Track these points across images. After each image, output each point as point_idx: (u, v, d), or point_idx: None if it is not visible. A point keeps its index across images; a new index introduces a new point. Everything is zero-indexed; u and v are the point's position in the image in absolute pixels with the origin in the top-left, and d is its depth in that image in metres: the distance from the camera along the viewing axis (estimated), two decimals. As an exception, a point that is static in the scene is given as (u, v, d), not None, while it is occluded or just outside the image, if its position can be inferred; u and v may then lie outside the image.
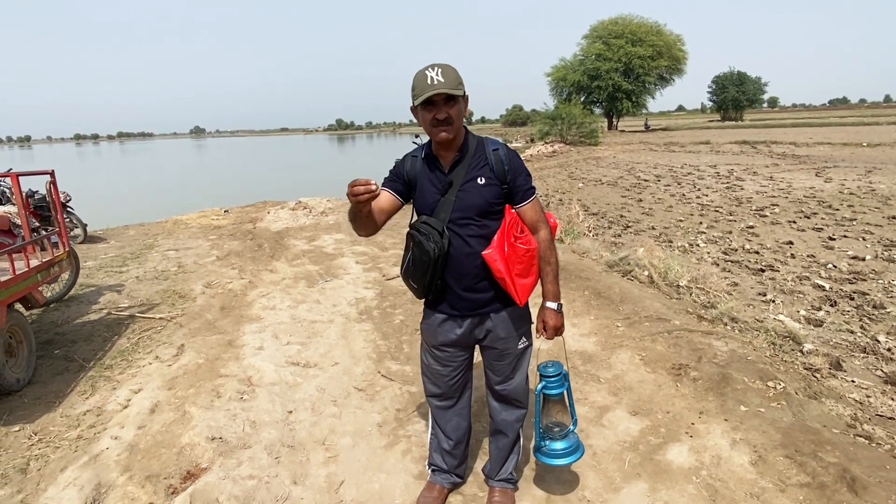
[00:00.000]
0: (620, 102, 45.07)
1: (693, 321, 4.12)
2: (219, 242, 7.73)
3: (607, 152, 25.54)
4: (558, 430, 2.21)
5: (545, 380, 2.19)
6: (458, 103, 1.88)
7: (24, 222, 3.88)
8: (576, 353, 3.68)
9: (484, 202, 1.95)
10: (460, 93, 1.85)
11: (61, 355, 3.91)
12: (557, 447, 2.18)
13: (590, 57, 45.14)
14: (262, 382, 3.36)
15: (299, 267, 6.15)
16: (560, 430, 2.21)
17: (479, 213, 1.96)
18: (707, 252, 7.43)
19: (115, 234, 8.97)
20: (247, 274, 5.90)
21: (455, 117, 1.87)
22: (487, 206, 1.96)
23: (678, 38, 45.62)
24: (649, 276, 5.15)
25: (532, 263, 2.01)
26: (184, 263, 6.53)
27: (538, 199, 2.05)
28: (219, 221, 9.46)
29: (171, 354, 3.83)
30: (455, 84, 1.84)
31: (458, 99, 1.87)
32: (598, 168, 19.36)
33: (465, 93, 1.90)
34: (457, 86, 1.84)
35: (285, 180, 24.68)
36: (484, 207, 1.96)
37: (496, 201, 1.97)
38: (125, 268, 6.45)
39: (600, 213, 10.81)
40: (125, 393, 3.27)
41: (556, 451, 2.18)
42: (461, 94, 1.86)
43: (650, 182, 14.85)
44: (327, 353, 3.85)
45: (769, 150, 22.12)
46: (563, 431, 2.21)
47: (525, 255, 1.97)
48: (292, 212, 9.63)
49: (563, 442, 2.19)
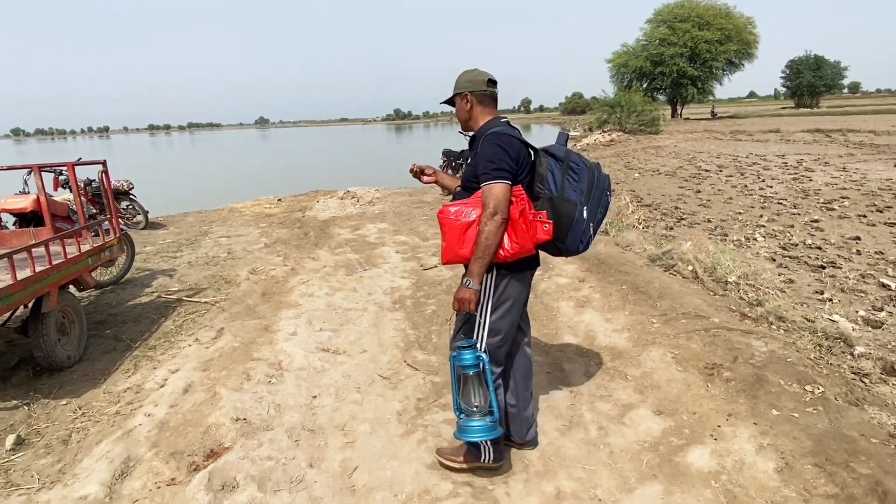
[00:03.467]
0: (685, 89, 43.29)
1: (734, 319, 3.94)
2: (268, 230, 7.98)
3: (668, 141, 24.67)
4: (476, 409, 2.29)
5: (455, 351, 2.29)
6: (457, 102, 2.39)
7: (80, 209, 4.13)
8: (605, 349, 3.59)
9: (465, 179, 2.37)
10: (452, 94, 2.39)
11: (111, 335, 4.15)
12: (471, 424, 2.27)
13: (653, 42, 43.55)
14: (290, 367, 3.46)
15: (341, 255, 6.27)
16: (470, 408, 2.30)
17: (464, 187, 2.37)
18: (764, 247, 7.07)
19: (175, 220, 9.42)
20: (290, 261, 6.07)
21: (458, 112, 2.41)
22: (466, 181, 2.35)
23: (749, 20, 43.31)
24: (693, 270, 4.96)
25: (459, 236, 2.21)
26: (233, 250, 6.78)
27: (496, 185, 2.15)
28: (271, 210, 9.77)
29: (210, 337, 4.00)
30: (454, 88, 2.38)
31: (455, 99, 2.39)
32: (656, 157, 18.73)
33: (462, 92, 2.35)
34: (454, 89, 2.38)
35: (339, 169, 25.15)
36: (465, 183, 2.36)
37: (471, 179, 2.30)
38: (179, 253, 6.76)
39: (654, 205, 10.46)
40: (163, 373, 3.45)
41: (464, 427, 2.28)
42: (454, 94, 2.38)
43: (711, 172, 14.24)
44: (357, 340, 3.91)
45: (845, 138, 20.76)
46: (473, 410, 2.29)
47: (455, 224, 2.22)
48: (340, 201, 9.82)
49: (477, 421, 2.26)
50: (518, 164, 2.23)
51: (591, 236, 2.31)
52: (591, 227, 2.29)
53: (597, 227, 2.33)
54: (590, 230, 2.29)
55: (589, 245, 2.33)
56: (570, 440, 2.68)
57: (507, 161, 2.18)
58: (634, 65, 43.37)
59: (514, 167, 2.21)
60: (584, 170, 2.27)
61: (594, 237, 2.35)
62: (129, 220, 8.62)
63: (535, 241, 2.25)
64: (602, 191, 2.32)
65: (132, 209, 8.64)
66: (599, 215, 2.33)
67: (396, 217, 8.41)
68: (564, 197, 2.24)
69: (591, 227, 2.29)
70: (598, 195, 2.31)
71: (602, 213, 2.35)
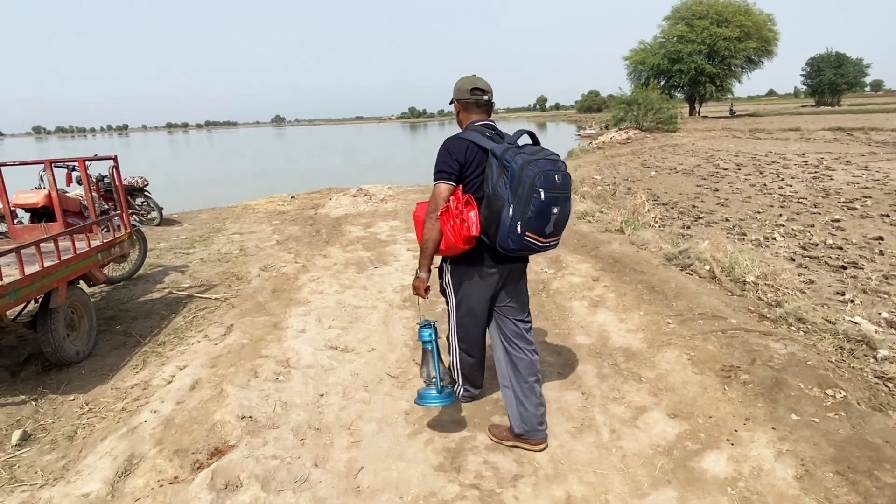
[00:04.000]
0: (703, 87, 42.74)
1: (753, 320, 3.83)
2: (281, 227, 7.98)
3: (686, 139, 24.37)
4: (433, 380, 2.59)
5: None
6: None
7: (91, 204, 4.14)
8: (619, 350, 3.51)
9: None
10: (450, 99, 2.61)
11: (121, 331, 4.15)
12: (426, 392, 2.58)
13: (671, 39, 43.04)
14: (298, 365, 3.42)
15: (352, 253, 6.24)
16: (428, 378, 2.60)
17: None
18: (783, 246, 6.92)
19: (189, 217, 9.46)
20: (301, 258, 6.04)
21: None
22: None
23: (769, 17, 42.61)
24: (710, 270, 4.84)
25: (420, 231, 2.52)
26: (245, 247, 6.78)
27: (437, 186, 2.41)
28: (284, 207, 9.78)
29: (220, 334, 3.98)
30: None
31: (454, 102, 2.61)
32: (673, 156, 18.50)
33: (452, 99, 2.58)
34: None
35: (352, 167, 25.21)
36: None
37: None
38: (192, 249, 6.78)
39: (670, 203, 10.31)
40: (171, 369, 3.43)
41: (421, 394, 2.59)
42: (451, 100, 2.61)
43: (729, 171, 14.02)
44: (366, 338, 3.87)
45: (867, 137, 20.32)
46: (431, 381, 2.59)
47: (418, 220, 2.54)
48: (353, 198, 9.80)
49: (429, 390, 2.57)
50: (463, 166, 2.40)
51: (523, 236, 2.26)
52: (518, 225, 2.24)
53: (531, 228, 2.26)
54: (517, 229, 2.24)
55: (527, 246, 2.30)
56: (581, 443, 2.61)
57: (449, 164, 2.39)
58: (652, 62, 42.92)
59: (457, 169, 2.39)
60: (514, 168, 2.24)
61: (538, 241, 2.31)
62: (143, 217, 8.67)
63: (463, 238, 2.36)
64: (531, 189, 2.20)
65: (147, 205, 8.68)
66: (530, 214, 2.22)
67: (408, 215, 8.36)
68: (496, 194, 2.29)
69: (520, 227, 2.24)
70: (526, 194, 2.21)
71: (534, 213, 2.22)
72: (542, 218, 2.25)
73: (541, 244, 2.32)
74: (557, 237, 2.39)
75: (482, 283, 2.52)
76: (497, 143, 2.37)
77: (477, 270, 2.51)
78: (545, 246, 2.35)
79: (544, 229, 2.28)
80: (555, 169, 2.26)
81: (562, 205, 2.30)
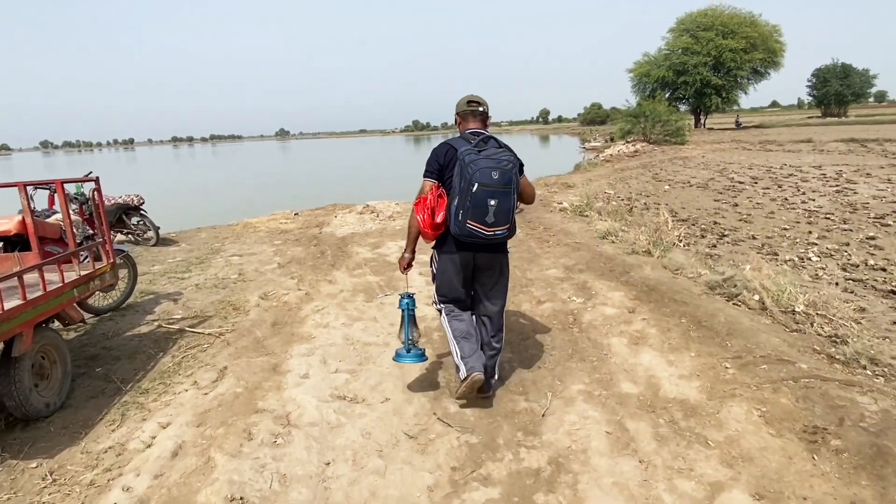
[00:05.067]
0: (709, 98, 42.40)
1: (823, 364, 3.33)
2: (283, 248, 7.51)
3: (695, 151, 23.94)
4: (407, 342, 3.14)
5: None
6: None
7: (70, 231, 3.67)
8: (674, 403, 3.00)
9: None
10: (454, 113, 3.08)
11: (101, 374, 3.67)
12: (400, 352, 3.15)
13: (676, 51, 42.79)
14: (300, 422, 2.93)
15: (359, 278, 5.76)
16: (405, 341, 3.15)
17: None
18: (821, 268, 6.41)
19: (188, 236, 9.01)
20: (305, 284, 5.57)
21: None
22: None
23: (775, 28, 42.35)
24: (760, 300, 4.34)
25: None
26: (245, 271, 6.31)
27: (423, 182, 2.96)
28: (286, 225, 9.31)
29: (211, 380, 3.49)
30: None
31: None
32: (685, 169, 18.05)
33: (455, 114, 3.05)
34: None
35: (358, 182, 24.76)
36: None
37: None
38: (188, 274, 6.31)
39: (691, 220, 9.81)
40: (152, 427, 2.94)
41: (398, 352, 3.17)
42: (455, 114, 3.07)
43: (746, 184, 13.56)
44: (378, 384, 3.37)
45: (882, 148, 19.84)
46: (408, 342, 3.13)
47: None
48: (359, 216, 9.34)
49: (402, 350, 3.15)
50: (443, 166, 2.89)
51: (465, 223, 2.74)
52: (460, 214, 2.73)
53: (473, 218, 2.72)
54: (459, 216, 2.74)
55: (471, 233, 2.75)
56: (650, 536, 2.11)
57: (432, 164, 2.92)
58: (656, 74, 42.63)
59: (437, 168, 2.90)
60: (463, 165, 2.71)
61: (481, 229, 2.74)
62: (139, 237, 8.23)
63: (429, 225, 2.88)
64: (469, 183, 2.67)
65: (143, 225, 8.24)
66: (468, 205, 2.70)
67: (418, 234, 7.92)
68: (451, 187, 2.82)
69: (461, 215, 2.73)
70: (465, 187, 2.69)
71: (471, 204, 2.69)
72: (479, 209, 2.69)
73: (485, 232, 2.74)
74: (503, 227, 2.78)
75: (452, 262, 2.99)
76: (467, 146, 2.78)
77: (448, 253, 3.00)
78: (490, 234, 2.75)
79: (484, 219, 2.71)
80: (493, 166, 2.67)
81: (499, 198, 2.69)
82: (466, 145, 2.77)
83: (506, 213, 2.73)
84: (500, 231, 2.76)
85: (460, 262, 2.96)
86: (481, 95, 3.00)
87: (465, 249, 2.92)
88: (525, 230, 7.79)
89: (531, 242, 7.01)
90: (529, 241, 7.12)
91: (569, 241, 6.90)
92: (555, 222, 8.27)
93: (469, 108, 2.97)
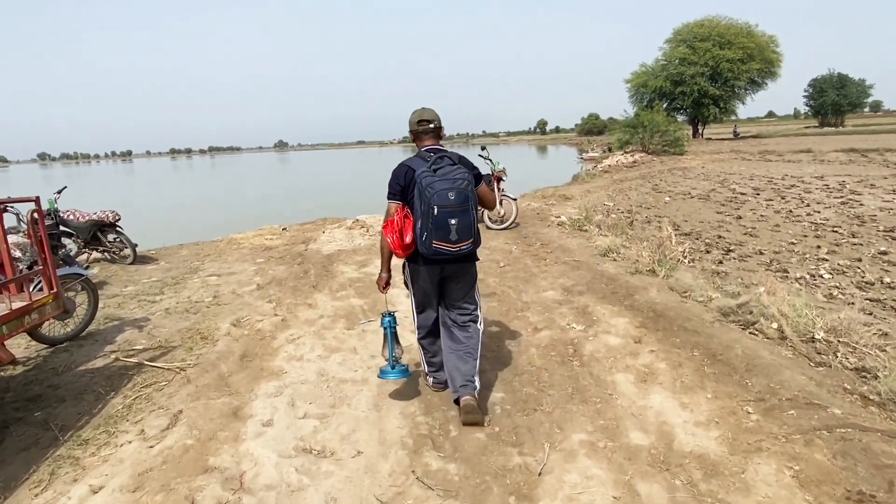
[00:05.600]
0: (707, 108, 42.21)
1: (857, 407, 2.91)
2: (265, 267, 7.09)
3: (694, 162, 23.62)
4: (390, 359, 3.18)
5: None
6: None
7: (7, 259, 3.25)
8: (691, 458, 2.58)
9: None
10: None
11: (40, 420, 3.23)
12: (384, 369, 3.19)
13: (673, 62, 42.65)
14: (254, 485, 2.49)
15: (342, 301, 5.34)
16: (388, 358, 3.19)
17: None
18: (835, 286, 6.01)
19: (168, 254, 8.58)
20: (282, 309, 5.14)
21: None
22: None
23: (772, 38, 42.28)
24: (779, 328, 3.93)
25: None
26: (221, 293, 5.89)
27: (388, 204, 2.99)
28: (272, 242, 8.89)
29: (161, 428, 3.05)
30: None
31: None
32: (685, 180, 17.71)
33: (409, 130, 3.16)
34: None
35: (350, 194, 24.33)
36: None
37: None
38: (160, 296, 5.89)
39: (694, 234, 9.42)
40: (82, 491, 2.50)
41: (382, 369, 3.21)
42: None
43: (748, 196, 13.20)
44: (350, 433, 2.94)
45: (883, 158, 19.54)
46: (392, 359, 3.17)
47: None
48: (348, 231, 8.93)
49: (386, 367, 3.18)
50: (404, 187, 2.91)
51: (431, 244, 2.80)
52: (425, 235, 2.80)
53: (437, 238, 2.78)
54: (424, 238, 2.81)
55: (438, 252, 2.81)
56: None
57: (393, 185, 2.93)
58: (654, 85, 42.48)
59: (399, 190, 2.92)
60: (421, 188, 2.77)
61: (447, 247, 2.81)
62: (115, 255, 7.81)
63: (399, 246, 2.90)
64: (428, 206, 2.74)
65: (119, 242, 7.83)
66: (431, 226, 2.76)
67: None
68: (413, 209, 2.89)
69: (425, 237, 2.80)
70: (426, 210, 2.76)
71: (433, 225, 2.76)
72: (441, 229, 2.76)
73: (451, 249, 2.81)
74: (467, 242, 2.85)
75: (425, 276, 3.04)
76: (423, 166, 2.83)
77: (419, 268, 3.03)
78: (456, 251, 2.83)
79: (448, 237, 2.78)
80: (450, 187, 2.73)
81: (459, 216, 2.76)
82: (423, 165, 2.85)
83: (467, 228, 2.83)
84: (465, 246, 2.86)
85: (430, 273, 3.04)
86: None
87: (433, 264, 3.00)
88: (521, 246, 7.38)
89: (527, 260, 6.60)
90: (525, 258, 6.72)
91: (567, 258, 6.50)
92: (553, 238, 7.87)
93: (421, 128, 3.04)
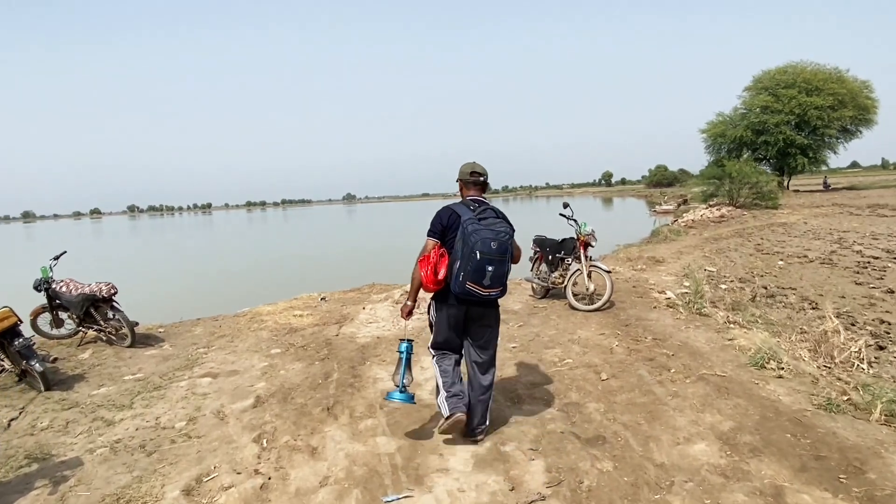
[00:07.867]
0: (794, 159, 38.77)
1: None
2: (278, 363, 5.34)
3: (793, 217, 20.81)
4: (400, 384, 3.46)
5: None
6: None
7: None
8: None
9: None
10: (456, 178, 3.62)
11: None
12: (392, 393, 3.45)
13: (754, 110, 39.74)
14: None
15: (364, 442, 3.48)
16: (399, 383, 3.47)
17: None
18: None
19: (179, 332, 7.05)
20: (271, 458, 3.33)
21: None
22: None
23: (865, 84, 38.81)
24: None
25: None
26: (201, 413, 4.16)
27: (426, 240, 3.34)
28: (301, 320, 7.19)
29: None
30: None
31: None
32: (790, 238, 15.14)
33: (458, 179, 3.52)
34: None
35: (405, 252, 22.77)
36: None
37: None
38: (125, 412, 4.24)
39: (843, 315, 7.08)
40: None
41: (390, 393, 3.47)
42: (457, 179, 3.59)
43: (883, 260, 10.63)
44: None
45: None
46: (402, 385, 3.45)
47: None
48: (395, 306, 7.17)
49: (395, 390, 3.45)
50: (446, 228, 3.30)
51: (464, 284, 3.13)
52: (461, 275, 3.12)
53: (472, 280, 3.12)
54: (460, 278, 3.12)
55: (468, 292, 3.15)
56: None
57: (436, 225, 3.32)
58: (733, 134, 39.60)
59: (440, 230, 3.31)
60: (466, 233, 3.11)
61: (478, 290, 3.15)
62: (113, 335, 6.35)
63: (431, 281, 3.22)
64: (472, 250, 3.08)
65: (117, 321, 6.36)
66: (469, 268, 3.09)
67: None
68: (455, 250, 3.21)
69: (462, 277, 3.12)
70: (468, 253, 3.09)
71: (471, 268, 3.09)
72: (478, 273, 3.10)
73: (481, 292, 3.16)
74: (497, 289, 3.21)
75: (449, 314, 3.33)
76: (469, 214, 3.19)
77: (445, 305, 3.34)
78: (485, 295, 3.18)
79: (482, 281, 3.13)
80: (493, 237, 3.10)
81: (496, 265, 3.12)
82: (469, 213, 3.20)
83: (500, 277, 3.18)
84: (494, 292, 3.21)
85: (455, 313, 3.30)
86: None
87: (460, 303, 3.27)
88: (625, 342, 5.29)
89: (641, 370, 4.51)
90: (638, 365, 4.63)
91: (705, 370, 4.39)
92: (666, 328, 5.73)
93: (472, 179, 3.41)
